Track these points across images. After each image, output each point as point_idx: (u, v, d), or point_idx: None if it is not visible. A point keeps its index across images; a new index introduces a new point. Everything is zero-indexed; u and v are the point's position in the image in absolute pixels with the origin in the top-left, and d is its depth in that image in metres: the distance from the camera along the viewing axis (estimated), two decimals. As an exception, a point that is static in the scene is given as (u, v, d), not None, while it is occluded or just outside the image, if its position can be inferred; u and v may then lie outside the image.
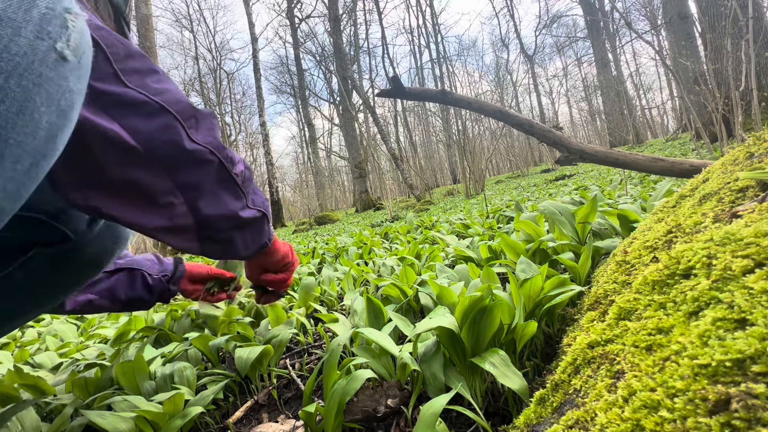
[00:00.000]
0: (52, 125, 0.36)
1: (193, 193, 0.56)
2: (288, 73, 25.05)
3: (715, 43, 4.69)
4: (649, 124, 20.76)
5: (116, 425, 0.63)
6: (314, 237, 5.92)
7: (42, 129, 0.35)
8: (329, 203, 24.70)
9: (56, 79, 0.35)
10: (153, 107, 0.51)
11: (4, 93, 0.31)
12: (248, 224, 0.67)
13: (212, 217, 0.60)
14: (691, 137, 5.79)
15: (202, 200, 0.58)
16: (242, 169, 0.63)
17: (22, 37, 0.32)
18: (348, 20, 17.82)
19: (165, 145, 0.52)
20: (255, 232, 0.70)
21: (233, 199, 0.62)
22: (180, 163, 0.54)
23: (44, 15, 0.34)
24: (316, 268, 2.09)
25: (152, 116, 0.51)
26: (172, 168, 0.53)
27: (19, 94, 0.32)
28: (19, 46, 0.32)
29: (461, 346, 0.63)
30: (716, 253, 0.41)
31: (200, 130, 0.56)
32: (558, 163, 1.81)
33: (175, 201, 0.55)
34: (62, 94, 0.36)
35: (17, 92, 0.32)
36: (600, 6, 18.37)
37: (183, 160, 0.54)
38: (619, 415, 0.33)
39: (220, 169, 0.58)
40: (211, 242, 0.63)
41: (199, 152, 0.55)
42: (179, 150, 0.53)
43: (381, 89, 2.01)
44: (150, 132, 0.50)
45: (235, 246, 0.68)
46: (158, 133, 0.51)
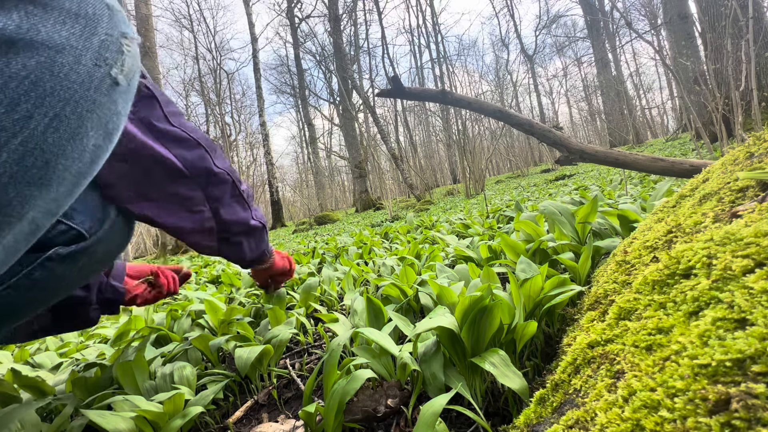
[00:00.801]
0: (98, 148, 0.36)
1: (215, 203, 0.76)
2: (288, 73, 25.06)
3: (715, 43, 4.69)
4: (649, 124, 20.76)
5: (116, 425, 0.63)
6: (314, 237, 5.92)
7: (88, 152, 0.35)
8: (329, 203, 24.70)
9: (107, 104, 0.36)
10: (193, 142, 0.70)
11: (59, 121, 0.31)
12: (253, 231, 0.87)
13: (228, 222, 0.79)
14: (691, 137, 5.79)
15: (222, 209, 0.77)
16: (246, 188, 0.83)
17: (82, 65, 0.32)
18: (348, 20, 17.82)
19: (202, 170, 0.71)
20: (258, 240, 0.90)
21: (242, 210, 0.82)
22: (210, 181, 0.73)
23: (103, 42, 0.34)
24: (316, 268, 2.09)
25: (193, 148, 0.70)
26: (204, 185, 0.73)
27: (73, 121, 0.32)
28: (79, 74, 0.32)
29: (461, 346, 0.63)
30: (716, 253, 0.41)
31: (218, 159, 0.75)
32: (558, 163, 1.81)
33: (204, 209, 0.74)
34: (110, 118, 0.37)
35: (72, 119, 0.32)
36: (600, 6, 18.37)
37: (212, 179, 0.73)
38: (619, 415, 0.33)
39: (233, 187, 0.78)
40: (226, 243, 0.82)
41: (221, 174, 0.75)
42: (210, 172, 0.73)
43: (381, 89, 2.01)
44: (192, 159, 0.70)
45: (243, 249, 0.86)
46: (197, 160, 0.70)
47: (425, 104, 18.51)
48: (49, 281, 0.56)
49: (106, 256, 0.66)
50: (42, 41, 0.29)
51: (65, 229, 0.55)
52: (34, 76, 0.29)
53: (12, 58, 0.28)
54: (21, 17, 0.28)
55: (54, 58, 0.30)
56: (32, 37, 0.29)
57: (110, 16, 0.35)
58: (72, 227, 0.56)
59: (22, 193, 0.31)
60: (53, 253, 0.55)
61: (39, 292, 0.56)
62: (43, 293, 0.58)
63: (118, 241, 0.66)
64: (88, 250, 0.59)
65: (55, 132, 0.31)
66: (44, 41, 0.30)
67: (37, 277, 0.54)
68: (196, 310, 1.25)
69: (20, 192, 0.31)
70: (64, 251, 0.56)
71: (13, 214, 0.31)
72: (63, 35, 0.31)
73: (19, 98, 0.29)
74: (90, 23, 0.33)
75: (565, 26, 27.00)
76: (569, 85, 30.33)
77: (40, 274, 0.54)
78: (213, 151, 0.74)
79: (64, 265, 0.57)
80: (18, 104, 0.29)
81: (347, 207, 23.53)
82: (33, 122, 0.30)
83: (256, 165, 24.52)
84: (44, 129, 0.31)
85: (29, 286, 0.54)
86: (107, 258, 0.67)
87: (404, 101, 18.33)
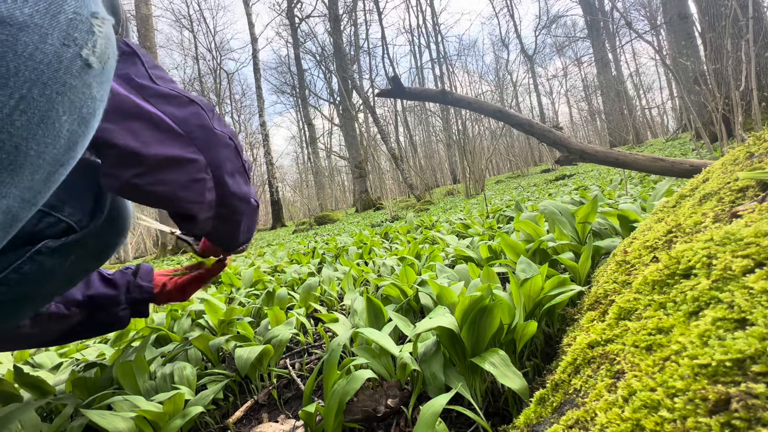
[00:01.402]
0: (73, 134, 0.35)
1: (218, 171, 0.65)
2: (288, 73, 25.06)
3: (715, 43, 4.69)
4: (649, 124, 20.76)
5: (116, 425, 0.63)
6: (314, 237, 5.92)
7: (62, 138, 0.34)
8: (329, 203, 24.69)
9: (80, 87, 0.34)
10: (183, 99, 0.62)
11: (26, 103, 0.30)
12: (253, 210, 0.77)
13: (232, 195, 0.69)
14: (691, 137, 5.79)
15: (226, 178, 0.67)
16: (246, 159, 0.73)
17: (48, 45, 0.31)
18: (348, 20, 17.82)
19: (198, 128, 0.62)
20: (253, 221, 0.79)
21: (244, 183, 0.72)
22: (210, 143, 0.63)
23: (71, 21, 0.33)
24: (316, 268, 2.09)
25: (184, 105, 0.62)
26: (204, 147, 0.63)
27: (42, 103, 0.31)
28: (45, 54, 0.31)
29: (461, 346, 0.63)
30: (716, 253, 0.41)
31: (219, 121, 0.66)
32: (558, 163, 1.81)
33: (206, 176, 0.64)
34: (84, 102, 0.35)
35: (40, 102, 0.31)
36: (600, 6, 18.37)
37: (212, 141, 0.64)
38: (619, 414, 0.33)
39: (236, 154, 0.69)
40: (222, 221, 0.72)
41: (222, 136, 0.65)
42: (209, 131, 0.63)
43: (381, 89, 2.01)
44: (184, 116, 0.61)
45: (239, 230, 0.76)
46: (191, 117, 0.62)
47: (425, 104, 18.51)
48: (39, 275, 0.56)
49: (99, 250, 0.65)
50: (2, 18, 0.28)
51: (54, 221, 0.55)
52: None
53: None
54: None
55: (17, 36, 0.29)
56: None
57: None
58: (61, 219, 0.55)
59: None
60: (42, 246, 0.54)
61: (30, 286, 0.56)
62: (35, 288, 0.57)
63: (111, 234, 0.65)
64: (79, 243, 0.58)
65: (22, 114, 0.30)
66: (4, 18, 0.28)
67: (27, 270, 0.54)
68: (196, 310, 1.25)
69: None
70: (53, 244, 0.55)
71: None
72: (26, 12, 0.29)
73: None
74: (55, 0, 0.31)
75: (565, 26, 27.02)
76: (569, 85, 30.36)
77: (29, 267, 0.54)
78: (210, 111, 0.65)
79: (54, 258, 0.56)
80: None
81: (347, 207, 23.52)
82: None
83: (256, 165, 24.48)
84: (10, 111, 0.30)
85: (19, 280, 0.54)
86: (101, 252, 0.66)
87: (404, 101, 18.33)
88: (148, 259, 9.49)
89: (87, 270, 0.66)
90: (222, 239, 0.79)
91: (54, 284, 0.60)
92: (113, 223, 0.65)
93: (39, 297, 0.60)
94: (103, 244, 0.64)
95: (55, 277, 0.59)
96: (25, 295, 0.56)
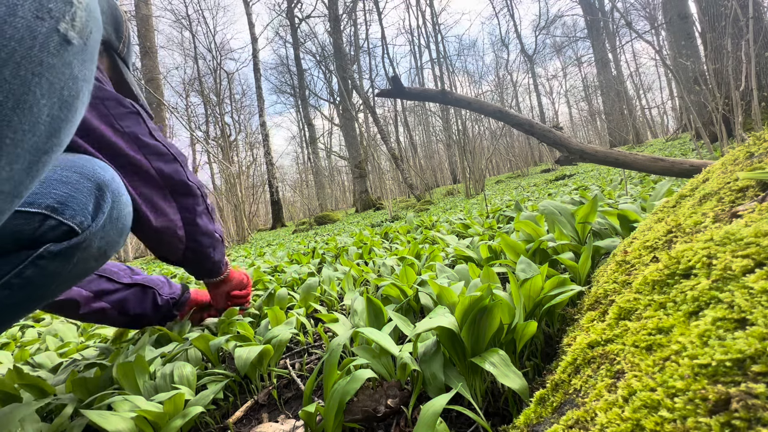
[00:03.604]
0: (54, 119, 0.32)
1: (187, 213, 0.86)
2: (288, 73, 25.06)
3: (715, 43, 4.69)
4: (649, 124, 20.75)
5: (116, 425, 0.63)
6: (314, 237, 5.92)
7: (42, 124, 0.31)
8: (329, 203, 24.69)
9: (59, 66, 0.30)
10: (170, 157, 0.82)
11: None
12: (218, 243, 0.98)
13: (199, 232, 0.89)
14: (691, 137, 5.79)
15: (196, 219, 0.88)
16: (209, 202, 0.95)
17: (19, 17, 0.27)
18: (348, 20, 17.81)
19: (178, 183, 0.83)
20: (220, 251, 1.01)
21: (209, 222, 0.93)
22: (183, 192, 0.85)
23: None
24: (316, 268, 2.09)
25: (170, 162, 0.82)
26: (179, 195, 0.84)
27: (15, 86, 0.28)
28: (15, 29, 0.27)
29: (461, 346, 0.63)
30: (716, 253, 0.41)
31: (189, 173, 0.86)
32: (558, 163, 1.81)
33: (174, 218, 0.85)
34: (65, 83, 0.32)
35: (14, 84, 0.27)
36: (600, 6, 18.37)
37: (185, 190, 0.85)
38: (619, 414, 0.33)
39: (202, 200, 0.90)
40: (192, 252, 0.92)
41: (193, 187, 0.86)
42: (184, 184, 0.84)
43: (381, 89, 2.01)
44: (169, 172, 0.81)
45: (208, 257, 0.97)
46: (173, 173, 0.82)
47: (425, 104, 18.51)
48: (43, 279, 0.55)
49: (102, 252, 0.64)
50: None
51: (55, 224, 0.54)
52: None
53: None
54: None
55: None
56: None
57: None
58: (62, 222, 0.54)
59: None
60: (44, 251, 0.53)
61: (34, 290, 0.55)
62: (39, 291, 0.57)
63: (113, 234, 0.65)
64: (81, 246, 0.58)
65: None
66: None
67: (30, 275, 0.53)
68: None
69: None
70: (55, 248, 0.54)
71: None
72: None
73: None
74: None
75: (565, 26, 27.02)
76: (569, 85, 30.36)
77: (32, 272, 0.53)
78: (185, 166, 0.84)
79: (56, 262, 0.56)
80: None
81: (347, 207, 23.52)
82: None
83: (256, 165, 24.49)
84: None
85: (22, 284, 0.53)
86: (105, 255, 0.66)
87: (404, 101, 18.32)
88: (148, 259, 9.48)
89: (89, 270, 0.66)
90: (195, 266, 0.98)
91: (56, 286, 0.60)
92: (114, 223, 0.65)
93: (41, 299, 0.60)
94: (105, 245, 0.64)
95: (58, 279, 0.59)
96: (27, 298, 0.56)
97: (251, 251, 4.93)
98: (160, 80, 9.85)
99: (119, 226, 0.67)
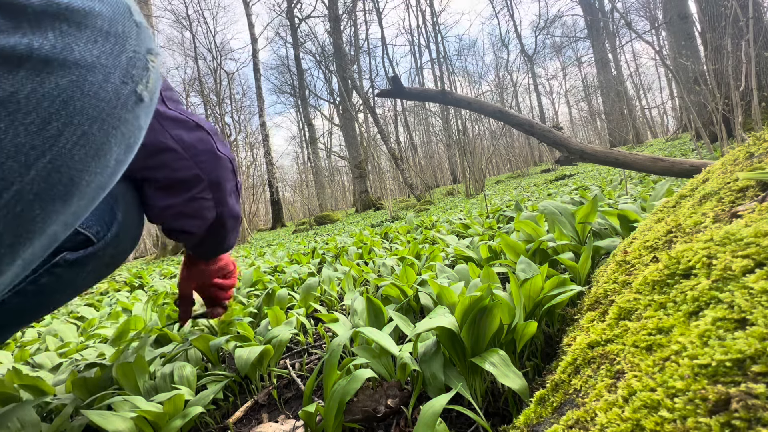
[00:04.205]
0: (119, 162, 0.36)
1: (219, 192, 0.71)
2: (288, 73, 25.06)
3: (715, 43, 4.69)
4: (649, 124, 20.75)
5: (116, 425, 0.63)
6: (314, 237, 5.92)
7: (109, 167, 0.35)
8: (329, 203, 24.69)
9: (131, 120, 0.35)
10: (192, 124, 0.66)
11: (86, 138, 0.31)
12: (239, 225, 0.83)
13: (228, 215, 0.75)
14: (691, 137, 5.79)
15: (227, 198, 0.73)
16: (239, 180, 0.79)
17: (110, 83, 0.32)
18: (348, 20, 17.82)
19: (204, 152, 0.67)
20: (237, 234, 0.87)
21: (237, 203, 0.77)
22: (212, 166, 0.68)
23: (131, 59, 0.34)
24: (316, 268, 2.09)
25: (192, 130, 0.66)
26: (207, 170, 0.68)
27: (99, 138, 0.32)
28: (107, 92, 0.32)
29: (461, 346, 0.63)
30: (716, 253, 0.41)
31: (222, 145, 0.71)
32: (558, 163, 1.81)
33: (207, 197, 0.70)
34: (132, 133, 0.37)
35: (98, 137, 0.32)
36: (600, 6, 18.37)
37: (216, 164, 0.69)
38: (619, 415, 0.33)
39: (233, 176, 0.74)
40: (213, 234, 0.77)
41: (225, 160, 0.70)
42: (213, 155, 0.68)
43: (381, 89, 2.01)
44: (191, 141, 0.65)
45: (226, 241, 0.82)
46: (197, 142, 0.66)
47: (425, 104, 18.51)
48: (56, 286, 0.56)
49: (114, 260, 0.65)
50: (75, 60, 0.30)
51: (73, 234, 0.54)
52: (65, 95, 0.29)
53: (46, 77, 0.28)
54: (56, 36, 0.29)
55: (85, 76, 0.30)
56: (66, 56, 0.29)
57: (138, 33, 0.35)
58: (80, 232, 0.55)
59: (46, 209, 0.31)
60: (61, 259, 0.54)
61: (46, 297, 0.56)
62: (51, 298, 0.57)
63: (126, 243, 0.65)
64: (96, 255, 0.58)
65: (81, 149, 0.31)
66: (77, 60, 0.30)
67: (45, 282, 0.54)
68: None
69: (44, 208, 0.31)
70: (71, 257, 0.55)
71: (35, 230, 0.31)
72: (94, 54, 0.31)
73: (51, 117, 0.29)
74: (119, 41, 0.33)
75: (565, 26, 27.02)
76: (569, 86, 30.37)
77: (47, 280, 0.54)
78: (215, 135, 0.70)
79: (72, 270, 0.56)
80: (49, 123, 0.29)
81: (347, 207, 23.53)
82: (62, 140, 0.30)
83: (256, 165, 24.47)
84: (71, 147, 0.31)
85: (36, 291, 0.53)
86: (116, 261, 0.66)
87: (404, 101, 18.32)
88: (148, 259, 9.49)
89: (101, 277, 0.67)
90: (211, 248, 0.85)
91: (68, 294, 0.61)
92: (128, 231, 0.65)
93: (52, 306, 0.60)
94: (117, 252, 0.64)
95: (71, 287, 0.59)
96: (39, 305, 0.56)
97: (251, 251, 4.93)
98: (160, 80, 9.83)
99: (132, 232, 0.67)
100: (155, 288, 2.37)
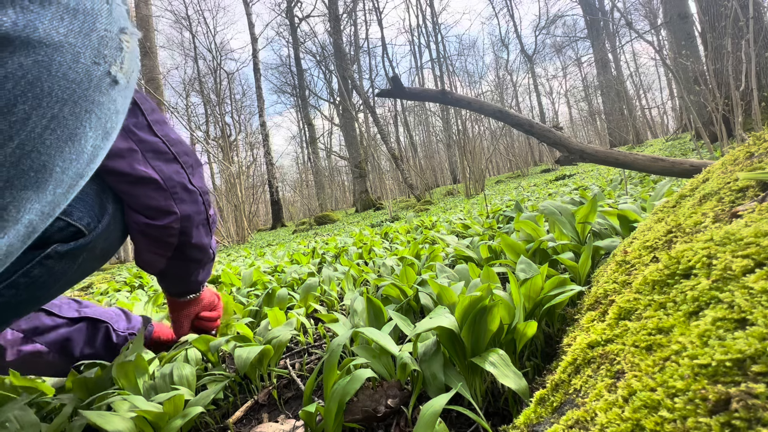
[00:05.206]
0: (96, 148, 0.35)
1: (186, 222, 0.75)
2: (288, 73, 25.06)
3: (715, 43, 4.69)
4: (649, 124, 20.74)
5: (116, 425, 0.63)
6: (314, 237, 5.92)
7: (86, 153, 0.34)
8: (329, 203, 24.66)
9: (106, 103, 0.34)
10: (170, 156, 0.71)
11: (57, 122, 0.30)
12: (209, 261, 0.88)
13: (191, 244, 0.79)
14: (691, 137, 5.79)
15: (192, 229, 0.77)
16: (213, 213, 0.83)
17: (81, 63, 0.31)
18: (348, 20, 17.82)
19: (178, 185, 0.72)
20: (207, 271, 0.92)
21: (205, 235, 0.82)
22: (184, 197, 0.74)
23: (102, 38, 0.32)
24: (316, 268, 2.09)
25: (170, 162, 0.71)
26: (179, 200, 0.73)
27: (71, 121, 0.31)
28: (77, 73, 0.31)
29: (461, 346, 0.63)
30: (716, 253, 0.41)
31: (195, 178, 0.76)
32: (558, 163, 1.81)
33: (174, 226, 0.74)
34: (109, 117, 0.35)
35: (70, 120, 0.31)
36: (600, 6, 18.36)
37: (186, 196, 0.74)
38: (619, 415, 0.33)
39: (204, 209, 0.79)
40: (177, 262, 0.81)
41: (195, 193, 0.76)
42: (185, 188, 0.74)
43: (381, 89, 2.01)
44: (169, 173, 0.71)
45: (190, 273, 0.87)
46: (174, 175, 0.72)
47: (425, 104, 18.51)
48: (48, 279, 0.56)
49: (105, 252, 0.65)
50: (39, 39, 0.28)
51: (63, 225, 0.55)
52: (31, 76, 0.28)
53: (8, 57, 0.27)
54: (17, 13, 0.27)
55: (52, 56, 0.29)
56: (29, 34, 0.27)
57: (109, 11, 0.33)
58: (71, 224, 0.55)
59: (18, 197, 0.30)
60: (52, 251, 0.54)
61: (38, 289, 0.56)
62: (43, 290, 0.57)
63: (116, 235, 0.66)
64: (87, 246, 0.59)
65: (52, 134, 0.30)
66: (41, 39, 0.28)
67: (36, 274, 0.54)
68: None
69: (16, 196, 0.30)
70: (62, 248, 0.55)
71: (8, 219, 0.30)
72: (61, 32, 0.29)
73: (16, 99, 0.28)
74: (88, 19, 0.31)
75: (565, 26, 27.01)
76: (569, 86, 30.37)
77: (39, 271, 0.54)
78: (189, 168, 0.75)
79: (63, 262, 0.56)
80: (15, 105, 0.28)
81: (347, 207, 23.52)
82: (30, 124, 0.29)
83: (256, 165, 24.46)
84: (42, 131, 0.30)
85: (28, 283, 0.54)
86: (106, 254, 0.67)
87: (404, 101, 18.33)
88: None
89: (92, 270, 0.67)
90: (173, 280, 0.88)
91: (60, 286, 0.61)
92: (118, 224, 0.65)
93: (44, 299, 0.60)
94: (108, 245, 0.65)
95: (62, 279, 0.59)
96: (32, 297, 0.56)
97: (251, 251, 4.93)
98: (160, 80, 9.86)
99: (122, 227, 0.68)
100: (155, 288, 2.37)
